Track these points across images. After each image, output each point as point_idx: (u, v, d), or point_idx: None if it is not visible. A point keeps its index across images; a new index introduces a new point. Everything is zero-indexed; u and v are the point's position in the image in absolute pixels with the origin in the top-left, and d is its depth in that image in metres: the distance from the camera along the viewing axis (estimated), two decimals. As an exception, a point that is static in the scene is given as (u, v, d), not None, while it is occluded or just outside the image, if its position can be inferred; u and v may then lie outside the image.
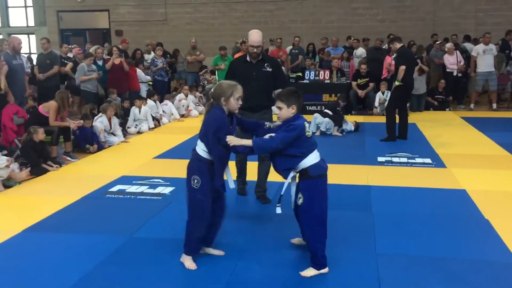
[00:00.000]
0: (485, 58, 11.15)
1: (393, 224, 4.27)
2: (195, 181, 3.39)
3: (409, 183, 5.55)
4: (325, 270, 3.38)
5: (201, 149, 3.43)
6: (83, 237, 4.08)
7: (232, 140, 3.30)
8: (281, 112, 3.37)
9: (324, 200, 3.38)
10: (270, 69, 4.88)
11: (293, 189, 3.48)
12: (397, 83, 7.92)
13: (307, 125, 3.35)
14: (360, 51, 12.47)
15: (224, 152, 3.38)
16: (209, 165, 3.40)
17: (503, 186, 5.45)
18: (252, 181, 5.17)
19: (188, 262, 3.50)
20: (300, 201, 3.36)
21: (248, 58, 4.91)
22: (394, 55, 8.78)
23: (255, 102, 4.72)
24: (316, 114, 8.83)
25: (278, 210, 3.51)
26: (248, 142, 3.34)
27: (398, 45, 8.03)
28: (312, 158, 3.34)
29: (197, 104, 11.47)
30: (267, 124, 3.61)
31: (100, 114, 8.12)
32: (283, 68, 7.99)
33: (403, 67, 7.77)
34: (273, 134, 3.36)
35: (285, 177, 3.43)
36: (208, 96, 3.95)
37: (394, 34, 12.26)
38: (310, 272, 3.36)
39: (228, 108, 3.40)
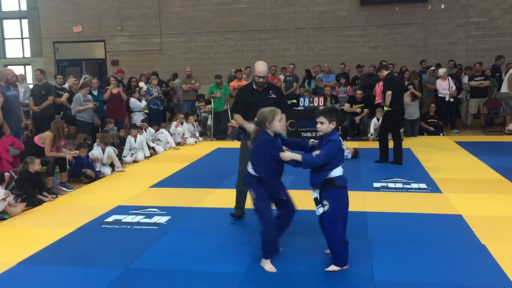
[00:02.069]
0: None
1: (390, 251, 4.26)
2: (252, 193, 3.96)
3: (405, 209, 5.56)
4: (345, 267, 3.87)
5: (250, 167, 3.97)
6: (79, 269, 4.04)
7: (284, 155, 3.81)
8: (323, 126, 3.88)
9: (346, 207, 3.88)
10: (275, 96, 5.26)
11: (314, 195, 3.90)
12: (385, 108, 8.18)
13: (341, 139, 3.87)
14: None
15: (268, 170, 3.89)
16: (257, 180, 3.91)
17: (498, 211, 5.47)
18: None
19: (268, 265, 3.92)
20: (326, 208, 3.80)
21: (254, 86, 5.31)
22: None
23: None
24: (312, 141, 8.87)
25: (320, 211, 3.87)
26: (298, 157, 3.80)
27: (385, 73, 8.33)
28: (339, 170, 3.82)
29: (194, 133, 11.52)
30: (310, 143, 4.09)
31: (96, 144, 8.14)
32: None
33: (389, 92, 8.04)
34: (317, 152, 3.81)
35: (316, 184, 3.86)
36: (204, 124, 4.26)
37: (386, 61, 12.54)
38: (333, 268, 3.85)
39: (273, 130, 3.89)
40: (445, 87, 11.90)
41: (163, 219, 5.36)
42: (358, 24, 15.09)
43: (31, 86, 11.55)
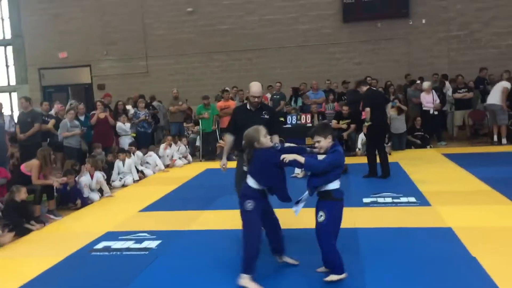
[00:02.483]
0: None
1: (382, 267, 4.26)
2: (249, 204, 3.99)
3: (395, 224, 5.58)
4: (344, 275, 3.92)
5: (251, 181, 4.05)
6: (68, 299, 3.98)
7: (286, 157, 3.86)
8: (321, 144, 3.98)
9: (340, 220, 4.00)
10: (268, 116, 5.34)
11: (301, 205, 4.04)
12: (366, 124, 8.40)
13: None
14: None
15: (276, 178, 4.02)
16: (258, 193, 4.03)
17: (487, 222, 5.50)
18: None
19: (250, 284, 3.91)
20: (321, 219, 3.91)
21: (248, 107, 5.41)
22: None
23: None
24: None
25: (297, 210, 4.03)
26: (301, 159, 3.86)
27: (364, 88, 8.49)
28: (337, 183, 3.95)
29: (184, 155, 11.49)
30: (308, 149, 4.16)
31: (84, 170, 8.08)
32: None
33: (367, 109, 8.23)
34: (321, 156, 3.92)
35: (311, 193, 3.98)
36: (193, 145, 4.41)
37: (371, 76, 12.70)
38: (333, 277, 3.91)
39: (264, 146, 4.02)
40: (429, 100, 12.05)
41: (153, 244, 5.31)
42: (342, 41, 15.28)
43: (16, 114, 11.48)
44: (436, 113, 12.08)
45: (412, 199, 6.65)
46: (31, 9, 16.67)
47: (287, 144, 4.42)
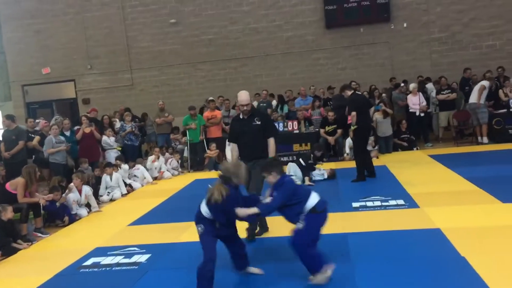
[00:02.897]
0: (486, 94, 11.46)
1: (373, 271, 4.26)
2: (199, 229, 4.10)
3: (385, 227, 5.60)
4: (327, 271, 4.03)
5: (205, 211, 4.08)
6: (58, 318, 3.92)
7: (240, 212, 3.99)
8: (268, 179, 4.18)
9: (318, 230, 4.06)
10: (259, 122, 5.51)
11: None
12: (352, 128, 8.49)
13: (293, 177, 4.14)
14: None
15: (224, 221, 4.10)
16: (208, 220, 4.08)
17: (475, 222, 5.54)
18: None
19: None
20: (300, 226, 4.01)
21: (241, 116, 5.65)
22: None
23: (249, 153, 5.50)
24: (290, 164, 8.93)
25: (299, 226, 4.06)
26: (254, 210, 4.02)
27: (349, 93, 8.58)
28: (314, 198, 4.06)
29: (175, 168, 11.45)
30: (262, 198, 4.29)
31: (71, 187, 8.00)
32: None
33: (353, 113, 8.30)
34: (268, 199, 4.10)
35: (298, 221, 4.04)
36: (181, 156, 4.64)
37: (355, 81, 12.78)
38: (314, 277, 4.03)
39: (239, 183, 4.11)
40: (415, 102, 12.16)
41: (143, 258, 5.27)
42: (325, 47, 15.38)
43: (0, 132, 11.34)
44: (422, 114, 12.19)
45: (401, 202, 6.67)
46: (12, 25, 16.54)
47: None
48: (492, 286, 3.74)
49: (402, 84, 13.19)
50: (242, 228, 5.89)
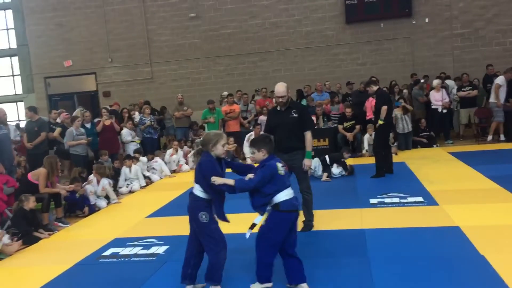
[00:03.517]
0: (503, 91, 11.26)
1: (390, 269, 4.24)
2: (204, 217, 3.87)
3: (403, 224, 5.55)
4: (268, 284, 3.90)
5: (198, 190, 3.91)
6: (77, 306, 4.00)
7: (216, 180, 3.75)
8: (255, 155, 3.98)
9: (283, 232, 3.82)
10: (296, 115, 5.45)
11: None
12: (380, 122, 8.32)
13: (279, 165, 3.86)
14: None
15: (219, 191, 3.84)
16: (207, 203, 3.89)
17: (495, 220, 5.47)
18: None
19: None
20: (261, 225, 3.86)
21: (278, 107, 5.61)
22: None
23: (285, 145, 5.44)
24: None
25: (247, 235, 3.91)
26: (231, 181, 3.78)
27: (374, 88, 8.48)
28: (284, 195, 3.82)
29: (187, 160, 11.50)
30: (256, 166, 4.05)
31: (91, 176, 8.13)
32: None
33: (385, 107, 8.16)
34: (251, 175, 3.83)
35: (262, 213, 3.87)
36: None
37: (375, 77, 12.67)
38: (257, 286, 3.91)
39: (215, 154, 3.91)
40: (438, 98, 12.00)
41: (161, 249, 5.32)
42: (345, 42, 15.28)
43: (23, 123, 11.56)
44: (445, 111, 12.02)
45: (420, 199, 6.61)
46: (35, 18, 16.81)
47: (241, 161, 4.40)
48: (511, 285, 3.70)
49: (422, 81, 13.02)
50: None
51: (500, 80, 11.38)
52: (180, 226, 6.26)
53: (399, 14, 14.72)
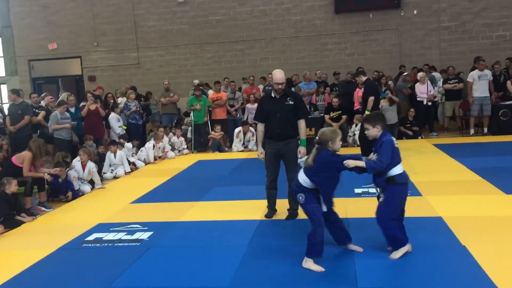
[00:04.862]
0: (480, 84, 11.44)
1: (373, 257, 4.28)
2: (301, 198, 4.21)
3: (387, 214, 5.59)
4: (407, 247, 4.17)
5: (303, 179, 4.21)
6: (60, 291, 3.97)
7: (349, 163, 4.08)
8: (369, 132, 4.21)
9: (402, 203, 4.22)
10: (292, 102, 5.43)
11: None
12: (367, 112, 8.30)
13: (393, 138, 4.11)
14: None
15: (330, 184, 4.20)
16: (308, 190, 4.19)
17: (476, 211, 5.56)
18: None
19: (314, 266, 4.05)
20: (381, 200, 4.18)
21: (273, 94, 5.55)
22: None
23: (280, 132, 5.44)
24: None
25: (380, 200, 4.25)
26: (362, 163, 4.10)
27: (363, 78, 8.51)
28: (399, 168, 4.11)
29: (180, 148, 11.44)
30: (364, 158, 4.41)
31: (76, 160, 8.04)
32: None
33: (372, 98, 8.19)
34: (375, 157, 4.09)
35: (381, 185, 4.19)
36: (184, 137, 4.61)
37: (363, 67, 12.70)
38: (396, 254, 4.14)
39: (334, 149, 4.18)
40: (423, 90, 12.08)
41: (145, 235, 5.30)
42: (334, 32, 15.26)
43: (6, 106, 11.37)
44: (430, 103, 12.12)
45: (403, 189, 6.66)
46: (20, -1, 16.48)
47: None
48: (492, 275, 3.75)
49: (406, 73, 13.08)
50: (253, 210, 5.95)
51: (470, 77, 11.60)
52: (165, 212, 6.28)
53: (388, 5, 14.73)
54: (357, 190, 6.80)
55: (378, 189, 4.34)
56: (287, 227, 5.34)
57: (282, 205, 5.71)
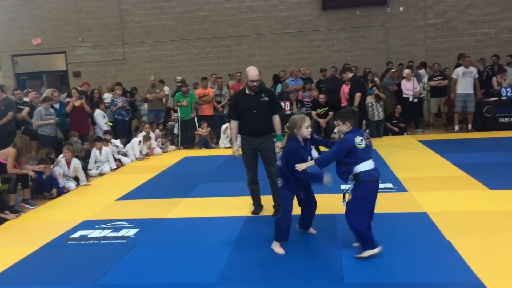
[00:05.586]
0: (464, 81, 11.54)
1: (359, 252, 4.30)
2: (279, 182, 4.42)
3: (373, 209, 5.63)
4: (377, 249, 4.12)
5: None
6: (44, 288, 3.92)
7: (299, 166, 4.18)
8: (339, 128, 4.28)
9: (368, 200, 4.16)
10: (267, 98, 5.49)
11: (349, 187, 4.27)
12: (354, 108, 8.33)
13: (358, 139, 4.07)
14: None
15: (300, 173, 4.23)
16: (286, 175, 4.35)
17: (461, 207, 5.61)
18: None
19: (277, 248, 4.37)
20: (348, 199, 4.18)
21: (247, 91, 5.53)
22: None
23: (257, 128, 5.49)
24: None
25: (344, 204, 4.25)
26: (311, 163, 4.22)
27: (350, 75, 8.55)
28: (365, 165, 4.10)
29: (159, 144, 11.34)
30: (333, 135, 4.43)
31: (61, 156, 7.96)
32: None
33: (358, 94, 8.23)
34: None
35: (345, 180, 4.22)
36: (171, 133, 4.65)
37: (349, 64, 12.74)
38: (364, 254, 4.11)
39: (301, 135, 4.32)
40: (409, 87, 12.16)
41: (131, 232, 5.27)
42: (321, 29, 15.28)
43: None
44: (415, 100, 12.21)
45: (389, 185, 6.72)
46: (3, -7, 16.21)
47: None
48: (475, 269, 3.80)
49: (392, 70, 13.16)
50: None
51: (454, 73, 11.73)
52: (151, 209, 6.24)
53: (374, 2, 14.80)
54: (343, 186, 6.78)
55: (346, 186, 4.34)
56: (273, 223, 5.33)
57: (267, 202, 5.71)
